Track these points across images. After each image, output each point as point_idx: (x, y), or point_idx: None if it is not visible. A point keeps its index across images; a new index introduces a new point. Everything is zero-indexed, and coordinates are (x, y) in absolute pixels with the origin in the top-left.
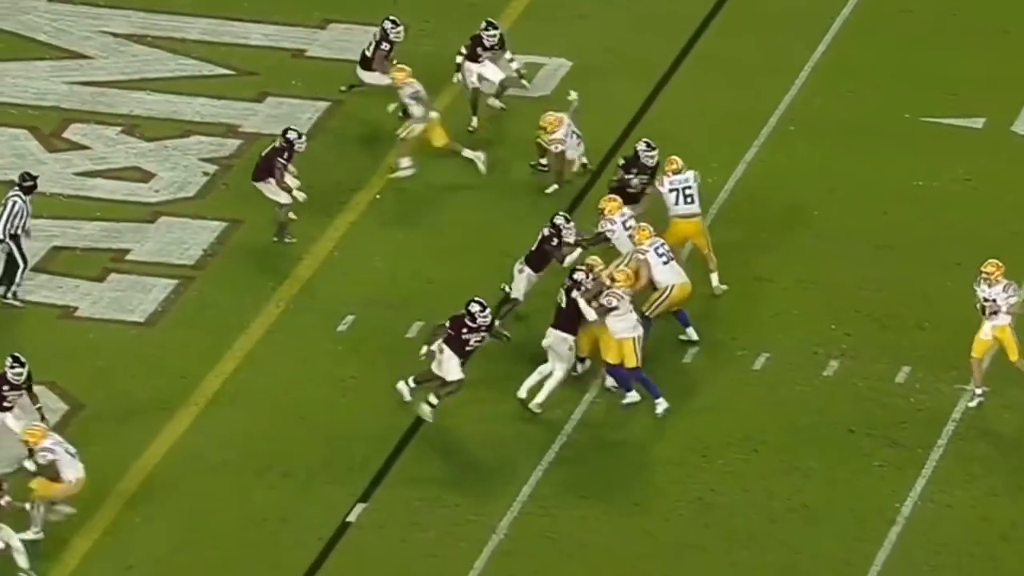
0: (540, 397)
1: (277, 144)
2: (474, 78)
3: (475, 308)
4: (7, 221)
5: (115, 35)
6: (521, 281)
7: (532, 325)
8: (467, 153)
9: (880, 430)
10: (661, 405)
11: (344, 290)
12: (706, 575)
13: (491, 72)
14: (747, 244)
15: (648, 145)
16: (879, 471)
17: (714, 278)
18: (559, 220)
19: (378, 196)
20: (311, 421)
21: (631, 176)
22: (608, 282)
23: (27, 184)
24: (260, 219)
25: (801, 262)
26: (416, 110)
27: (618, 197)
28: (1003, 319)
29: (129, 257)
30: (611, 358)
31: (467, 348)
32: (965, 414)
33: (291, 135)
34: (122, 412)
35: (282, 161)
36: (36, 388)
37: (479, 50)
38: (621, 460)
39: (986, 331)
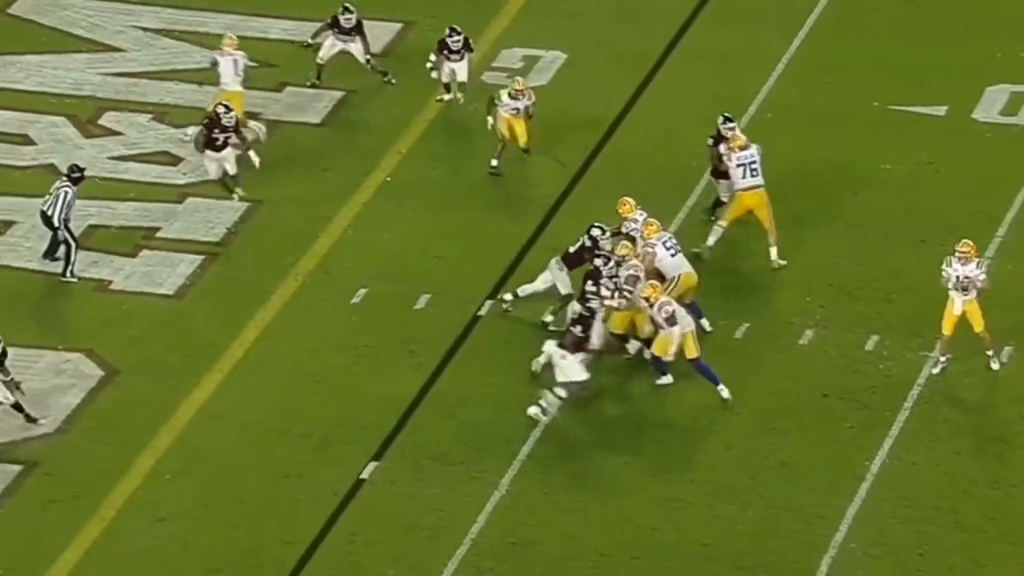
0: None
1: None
2: (447, 70)
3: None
4: (61, 210)
5: (146, 29)
6: (565, 278)
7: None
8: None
9: (851, 394)
10: (724, 391)
11: (357, 265)
12: (691, 527)
13: (460, 70)
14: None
15: (726, 119)
16: (850, 432)
17: (773, 252)
18: (595, 232)
19: (388, 179)
20: (327, 386)
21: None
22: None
23: (75, 176)
24: (280, 199)
25: (779, 239)
26: (225, 78)
27: (630, 199)
28: (972, 294)
29: (159, 235)
30: (658, 351)
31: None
32: (929, 379)
33: (219, 109)
34: (153, 377)
35: (205, 130)
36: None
37: (446, 52)
38: (613, 421)
39: (958, 307)
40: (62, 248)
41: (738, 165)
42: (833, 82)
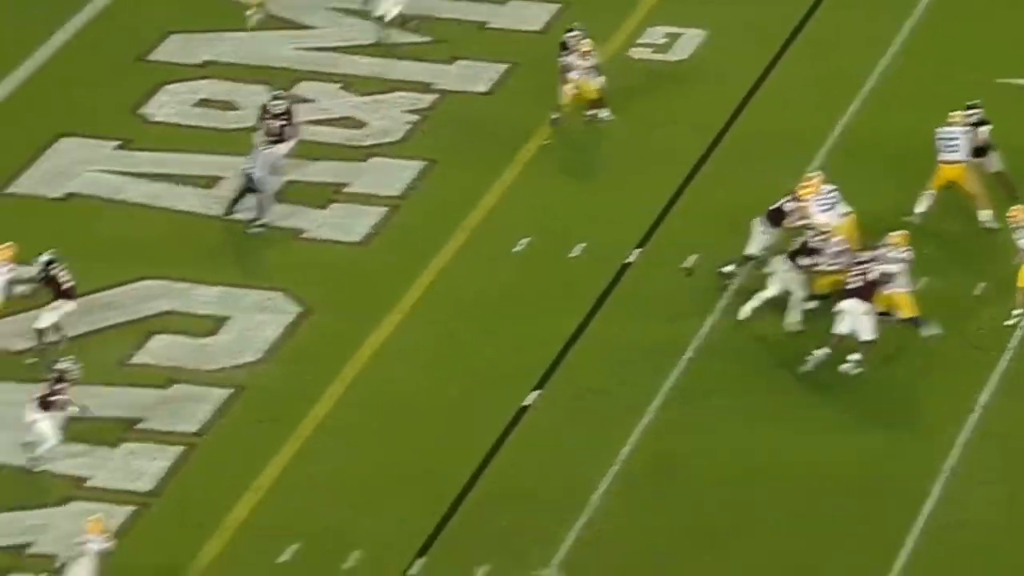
0: (790, 318)
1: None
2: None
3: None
4: (262, 168)
5: (336, 10)
6: (763, 238)
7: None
8: None
9: (962, 335)
10: (932, 328)
11: (519, 218)
12: (815, 452)
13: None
14: (846, 184)
15: (970, 106)
16: (962, 368)
17: (980, 214)
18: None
19: (547, 142)
20: (492, 325)
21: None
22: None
23: (273, 139)
24: (452, 160)
25: (893, 202)
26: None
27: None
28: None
29: (347, 189)
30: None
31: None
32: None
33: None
34: (342, 315)
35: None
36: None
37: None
38: (749, 359)
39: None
40: (253, 200)
41: (938, 139)
42: (947, 59)
